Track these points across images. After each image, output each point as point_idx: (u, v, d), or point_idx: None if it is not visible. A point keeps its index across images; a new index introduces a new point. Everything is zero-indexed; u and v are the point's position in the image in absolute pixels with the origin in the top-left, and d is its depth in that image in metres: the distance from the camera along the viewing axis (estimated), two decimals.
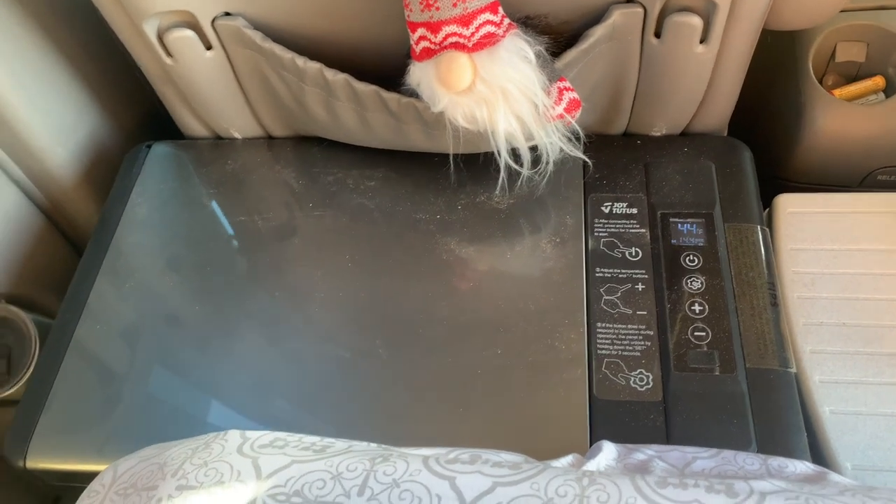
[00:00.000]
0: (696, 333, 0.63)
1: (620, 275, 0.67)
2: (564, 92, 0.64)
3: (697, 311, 0.65)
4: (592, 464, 0.50)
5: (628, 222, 0.70)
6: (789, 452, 0.57)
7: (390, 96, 0.67)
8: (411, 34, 0.60)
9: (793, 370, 0.62)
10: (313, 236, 0.74)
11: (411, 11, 0.59)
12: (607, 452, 0.52)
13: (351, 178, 0.77)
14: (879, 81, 0.83)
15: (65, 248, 0.90)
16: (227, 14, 0.69)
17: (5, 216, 0.80)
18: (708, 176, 0.73)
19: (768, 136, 0.86)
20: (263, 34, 0.69)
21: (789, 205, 0.75)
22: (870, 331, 0.67)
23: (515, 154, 0.66)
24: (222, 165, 0.81)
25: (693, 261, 0.67)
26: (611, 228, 0.70)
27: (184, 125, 0.83)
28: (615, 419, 0.60)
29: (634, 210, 0.71)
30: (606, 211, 0.71)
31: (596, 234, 0.70)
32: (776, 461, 0.50)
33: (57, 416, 0.65)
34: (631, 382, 0.61)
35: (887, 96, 0.82)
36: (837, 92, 0.83)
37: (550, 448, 0.53)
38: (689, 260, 0.67)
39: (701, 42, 0.66)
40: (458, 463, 0.44)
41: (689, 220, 0.70)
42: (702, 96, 0.72)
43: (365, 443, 0.49)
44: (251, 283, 0.71)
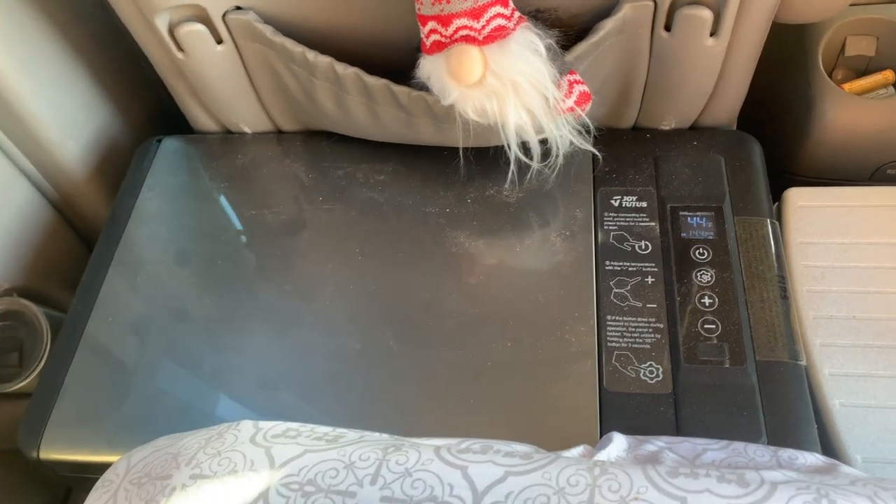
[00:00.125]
0: (706, 326, 0.63)
1: (630, 268, 0.67)
2: (575, 85, 0.64)
3: (707, 304, 0.65)
4: (603, 454, 0.50)
5: (638, 216, 0.70)
6: (799, 445, 0.57)
7: (400, 90, 0.68)
8: (422, 27, 0.60)
9: (803, 363, 0.62)
10: (323, 230, 0.74)
11: (422, 5, 0.59)
12: (618, 443, 0.52)
13: (360, 172, 0.77)
14: (889, 76, 0.83)
15: (76, 242, 0.90)
16: (238, 8, 0.69)
17: (17, 210, 0.81)
18: (717, 169, 0.73)
19: (778, 131, 0.86)
20: (274, 28, 0.69)
21: (799, 198, 0.75)
22: (880, 324, 0.67)
23: (525, 147, 0.66)
24: (232, 160, 0.81)
25: (703, 254, 0.67)
26: (620, 222, 0.70)
27: (194, 119, 0.83)
28: (625, 411, 0.60)
29: (644, 203, 0.71)
30: (616, 204, 0.71)
31: (606, 228, 0.70)
32: (786, 452, 0.50)
33: (69, 408, 0.66)
34: (641, 375, 0.62)
35: None
36: (847, 86, 0.82)
37: (560, 440, 0.53)
38: (699, 253, 0.67)
39: (711, 35, 0.65)
40: (470, 453, 0.44)
41: (699, 214, 0.70)
42: (711, 90, 0.72)
43: (377, 433, 0.49)
44: (261, 277, 0.71)
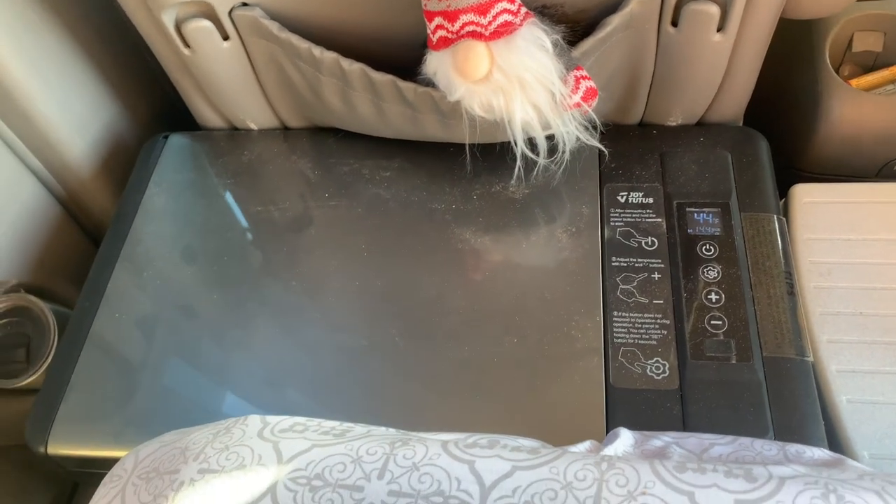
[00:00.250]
0: (713, 322, 0.63)
1: (637, 264, 0.67)
2: (581, 81, 0.64)
3: (714, 300, 0.64)
4: (610, 450, 0.50)
5: (644, 212, 0.70)
6: (806, 441, 0.57)
7: (406, 86, 0.68)
8: (428, 23, 0.60)
9: (810, 359, 0.62)
10: (329, 226, 0.74)
11: (429, 0, 0.59)
12: (624, 439, 0.52)
13: (366, 169, 0.77)
14: None
15: (82, 239, 0.91)
16: (245, 4, 0.69)
17: (24, 207, 0.81)
18: (724, 165, 0.73)
19: (784, 126, 0.86)
20: (280, 24, 0.69)
21: (805, 195, 0.74)
22: (887, 320, 0.67)
23: (532, 143, 0.66)
24: (238, 156, 0.81)
25: (709, 250, 0.67)
26: (627, 218, 0.70)
27: (200, 116, 0.83)
28: (632, 407, 0.60)
29: (650, 199, 0.71)
30: (622, 200, 0.71)
31: (612, 224, 0.70)
32: (794, 447, 0.50)
33: (76, 404, 0.66)
34: (647, 371, 0.62)
35: None
36: (854, 82, 0.82)
37: (567, 436, 0.53)
38: (706, 249, 0.67)
39: (718, 31, 0.65)
40: (477, 447, 0.44)
41: (706, 210, 0.70)
42: (718, 86, 0.72)
43: (383, 428, 0.49)
44: (267, 273, 0.71)
